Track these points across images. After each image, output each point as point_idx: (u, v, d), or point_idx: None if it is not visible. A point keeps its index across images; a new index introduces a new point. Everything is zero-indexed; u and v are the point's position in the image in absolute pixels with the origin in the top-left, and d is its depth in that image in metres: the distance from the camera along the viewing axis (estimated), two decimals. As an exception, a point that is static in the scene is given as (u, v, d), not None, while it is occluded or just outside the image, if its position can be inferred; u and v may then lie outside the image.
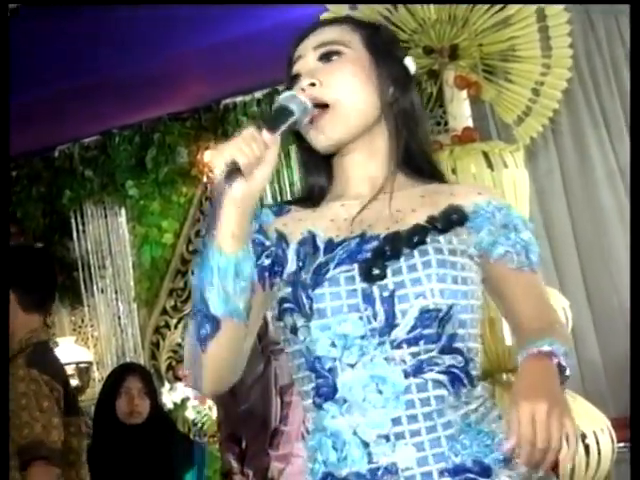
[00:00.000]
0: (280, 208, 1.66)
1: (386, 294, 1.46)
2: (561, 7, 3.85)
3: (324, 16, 3.61)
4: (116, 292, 6.89)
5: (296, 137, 1.66)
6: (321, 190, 1.67)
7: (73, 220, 6.95)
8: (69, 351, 6.42)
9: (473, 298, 1.54)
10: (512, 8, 3.83)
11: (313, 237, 1.55)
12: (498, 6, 3.85)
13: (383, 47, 1.65)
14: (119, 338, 6.80)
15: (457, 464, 1.43)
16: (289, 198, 6.37)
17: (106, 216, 6.98)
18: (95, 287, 6.93)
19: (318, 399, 1.50)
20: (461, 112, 4.04)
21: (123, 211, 6.98)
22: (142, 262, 6.90)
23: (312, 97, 1.55)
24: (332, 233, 1.55)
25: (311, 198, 1.66)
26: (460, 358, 1.49)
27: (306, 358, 1.51)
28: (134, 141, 6.78)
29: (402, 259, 1.48)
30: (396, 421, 1.44)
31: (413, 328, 1.46)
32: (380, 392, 1.44)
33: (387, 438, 1.44)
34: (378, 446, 1.44)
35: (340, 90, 1.57)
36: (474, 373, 1.52)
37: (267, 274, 1.56)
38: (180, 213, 6.83)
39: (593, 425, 3.56)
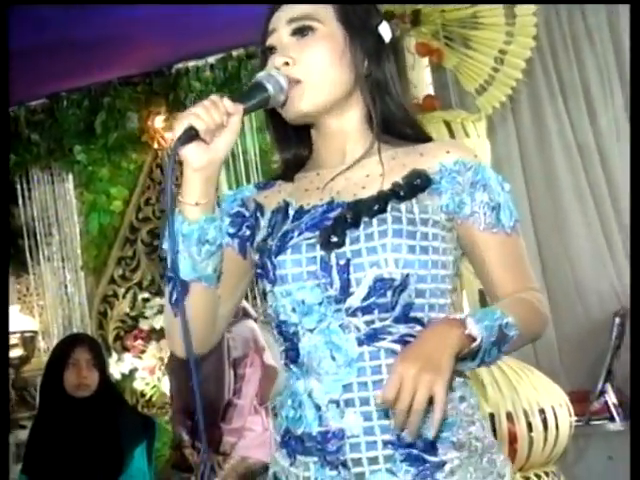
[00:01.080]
0: (266, 183, 1.70)
1: (342, 262, 1.48)
2: (526, -27, 3.77)
3: None
4: (63, 260, 6.77)
5: (269, 113, 1.65)
6: (298, 161, 1.69)
7: (18, 186, 6.80)
8: (14, 320, 6.28)
9: (435, 268, 1.51)
10: (476, -25, 3.76)
11: (286, 206, 1.58)
12: (462, -28, 3.78)
13: (357, 20, 1.62)
14: (65, 307, 6.68)
15: (402, 437, 1.44)
16: (242, 163, 6.30)
17: (53, 182, 6.84)
18: (41, 255, 6.80)
19: (286, 360, 1.56)
20: (422, 80, 3.99)
21: (70, 177, 6.84)
22: (90, 230, 6.77)
23: (287, 75, 1.55)
24: (304, 201, 1.58)
25: (288, 171, 1.68)
26: (419, 327, 1.48)
27: (275, 322, 1.57)
28: (83, 105, 6.65)
29: (361, 227, 1.49)
30: (347, 388, 1.47)
31: (367, 297, 1.47)
32: (333, 358, 1.48)
33: (337, 404, 1.48)
34: (329, 411, 1.48)
35: (312, 67, 1.56)
36: None
37: (248, 244, 1.62)
38: (130, 180, 6.70)
39: (551, 400, 3.55)
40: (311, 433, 1.49)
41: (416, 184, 1.53)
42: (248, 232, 1.61)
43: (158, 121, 6.53)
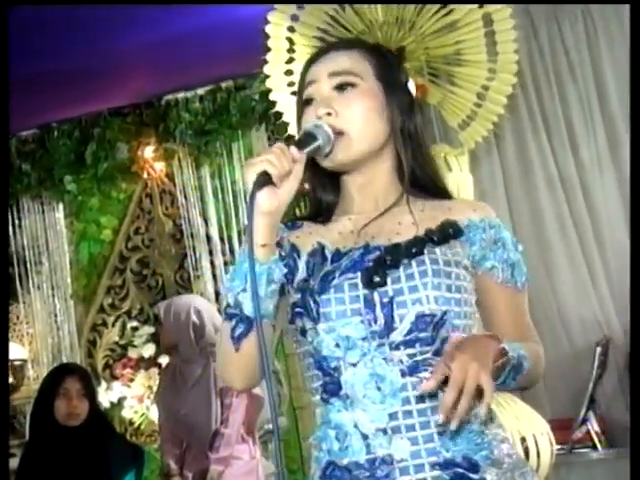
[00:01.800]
0: (293, 223, 1.82)
1: (386, 300, 1.62)
2: (508, 12, 3.86)
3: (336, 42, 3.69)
4: (52, 289, 6.80)
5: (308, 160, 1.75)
6: (329, 206, 1.82)
7: (9, 215, 6.83)
8: (3, 348, 6.33)
9: (466, 305, 1.68)
10: (459, 12, 3.85)
11: (322, 248, 1.71)
12: (445, 10, 3.87)
13: (391, 75, 1.79)
14: (55, 336, 6.71)
15: (447, 459, 1.58)
16: (230, 195, 6.38)
17: (43, 211, 6.89)
18: (31, 283, 6.83)
19: (325, 395, 1.65)
20: (407, 115, 4.04)
21: (61, 206, 6.89)
22: (80, 258, 6.83)
23: (330, 125, 1.68)
24: (339, 244, 1.71)
25: (320, 214, 1.82)
26: None
27: (314, 358, 1.67)
28: (73, 135, 6.72)
29: (401, 268, 1.63)
30: (393, 416, 1.59)
31: (410, 331, 1.61)
32: (379, 389, 1.59)
33: (384, 431, 1.59)
34: (376, 438, 1.59)
35: (354, 120, 1.71)
36: None
37: (284, 280, 1.70)
38: (119, 209, 6.78)
39: (533, 429, 3.62)
40: (359, 461, 1.59)
41: (449, 232, 1.69)
42: (284, 270, 1.68)
43: (148, 151, 6.62)
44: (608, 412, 5.48)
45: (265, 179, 1.55)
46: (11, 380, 6.45)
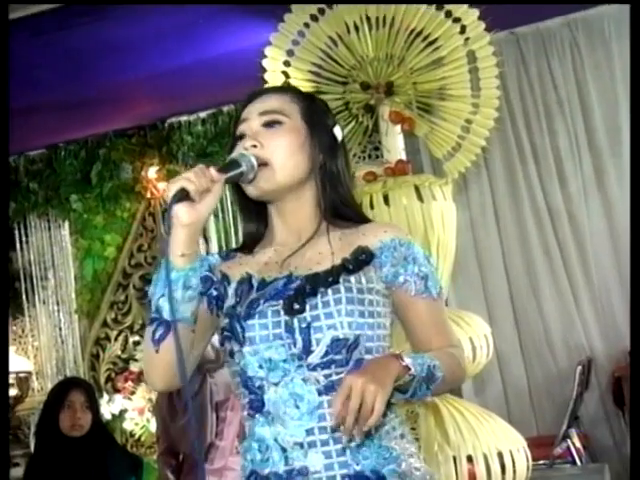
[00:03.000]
0: (227, 254, 1.96)
1: (304, 325, 1.74)
2: (491, 50, 4.03)
3: (267, 85, 3.85)
4: (57, 303, 7.00)
5: (235, 190, 1.93)
6: (256, 236, 1.96)
7: (17, 231, 7.05)
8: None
9: (379, 329, 1.80)
10: (445, 49, 4.04)
11: (250, 277, 1.83)
12: (433, 47, 4.07)
13: (317, 118, 1.93)
14: (59, 349, 6.89)
15: (357, 471, 1.72)
16: (230, 214, 6.58)
17: (50, 228, 7.10)
18: (37, 298, 7.03)
19: (251, 411, 1.79)
20: (395, 145, 4.24)
21: (67, 224, 7.10)
22: (84, 274, 7.02)
23: (255, 155, 1.82)
24: (265, 274, 1.84)
25: (249, 245, 1.94)
26: None
27: (241, 377, 1.79)
28: (80, 156, 6.93)
29: (319, 296, 1.76)
30: (309, 432, 1.73)
31: (326, 354, 1.74)
32: (297, 407, 1.73)
33: (301, 445, 1.73)
34: (294, 452, 1.73)
35: (277, 152, 1.84)
36: None
37: (214, 302, 1.84)
38: (123, 227, 6.98)
39: (510, 444, 3.74)
40: (278, 472, 1.73)
41: (362, 259, 1.82)
42: (215, 293, 1.83)
43: (151, 172, 6.82)
44: (590, 429, 5.68)
45: (182, 194, 1.67)
46: (16, 392, 6.61)
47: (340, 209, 1.92)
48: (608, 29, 5.87)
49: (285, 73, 4.26)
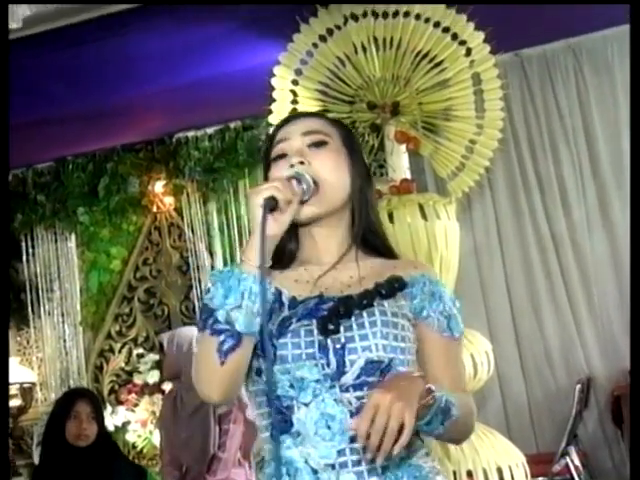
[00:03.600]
0: None
1: (338, 346, 1.73)
2: (495, 72, 4.13)
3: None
4: (62, 315, 7.04)
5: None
6: (290, 254, 1.94)
7: (23, 243, 7.10)
8: (13, 371, 6.53)
9: (409, 354, 1.80)
10: (451, 71, 4.13)
11: (279, 294, 1.81)
12: (438, 68, 4.15)
13: (355, 144, 1.97)
14: (63, 360, 6.94)
15: None
16: (235, 230, 6.64)
17: (56, 241, 7.14)
18: (42, 309, 7.07)
19: (274, 432, 1.75)
20: (400, 164, 4.33)
21: (73, 236, 7.15)
22: (89, 287, 7.08)
23: (306, 172, 1.82)
24: (295, 292, 1.81)
25: (281, 261, 1.89)
26: None
27: (267, 396, 1.76)
28: (87, 169, 6.99)
29: (353, 318, 1.75)
30: (341, 453, 1.70)
31: (359, 376, 1.72)
32: (329, 427, 1.70)
33: (333, 467, 1.70)
34: (325, 472, 1.70)
35: (325, 172, 1.84)
36: None
37: None
38: (129, 241, 7.04)
39: (509, 460, 3.81)
40: None
41: (395, 286, 1.83)
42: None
43: (158, 186, 6.89)
44: (589, 447, 5.72)
45: (273, 204, 1.66)
46: (20, 402, 6.66)
47: (369, 236, 1.93)
48: (611, 54, 5.94)
49: (293, 92, 4.34)
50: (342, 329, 1.74)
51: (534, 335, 6.00)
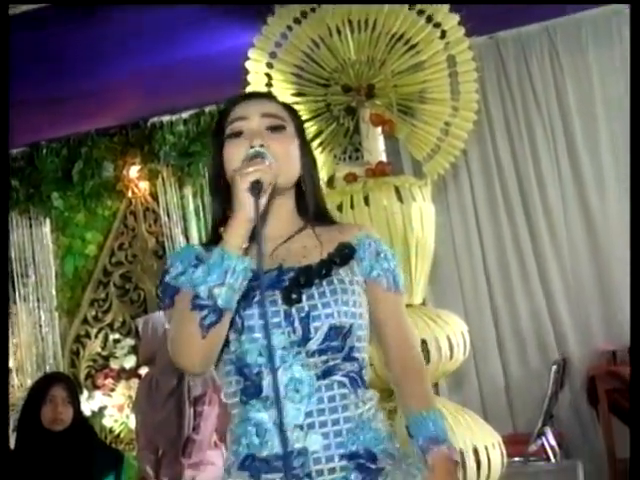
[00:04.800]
0: (207, 246, 1.98)
1: (303, 314, 1.84)
2: (470, 55, 4.10)
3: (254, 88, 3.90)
4: (38, 300, 7.02)
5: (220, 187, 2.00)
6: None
7: (-2, 225, 7.03)
8: (-11, 357, 6.52)
9: (363, 319, 1.93)
10: (425, 54, 4.11)
11: None
12: (413, 50, 4.13)
13: (303, 132, 2.06)
14: (39, 346, 6.91)
15: (353, 451, 1.83)
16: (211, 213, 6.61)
17: (31, 226, 7.12)
18: (17, 295, 7.04)
19: (244, 397, 1.87)
20: (375, 147, 4.31)
21: (48, 221, 7.12)
22: (65, 272, 7.05)
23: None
24: (255, 266, 1.87)
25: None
26: (356, 365, 1.89)
27: (235, 365, 1.87)
28: (61, 154, 6.96)
29: (314, 287, 1.87)
30: (309, 414, 1.82)
31: (323, 341, 1.84)
32: (297, 391, 1.82)
33: (301, 427, 1.82)
34: (293, 434, 1.81)
35: (283, 157, 1.92)
36: (366, 378, 1.93)
37: None
38: (104, 226, 7.01)
39: (485, 440, 3.79)
40: (277, 454, 1.80)
41: (345, 253, 1.95)
42: None
43: (133, 171, 6.87)
44: (565, 427, 5.77)
45: (260, 187, 1.75)
46: (-5, 388, 6.61)
47: (319, 211, 2.04)
48: (586, 36, 5.96)
49: (268, 75, 4.32)
50: (304, 298, 1.86)
51: (509, 316, 6.03)
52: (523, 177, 6.02)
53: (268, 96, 2.10)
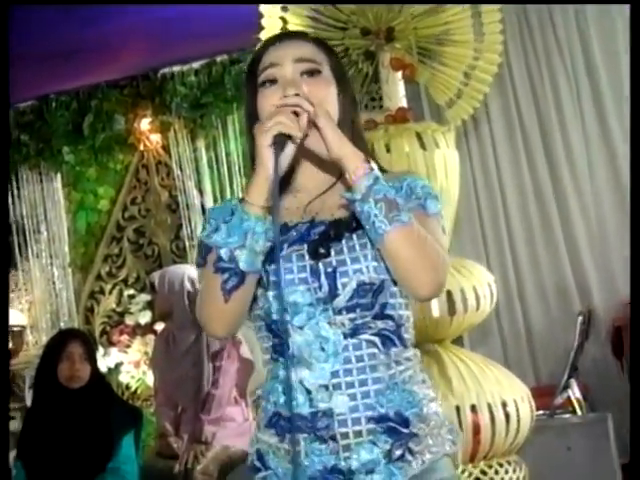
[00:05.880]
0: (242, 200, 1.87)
1: (330, 270, 1.74)
2: (494, -6, 3.98)
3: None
4: (51, 257, 6.94)
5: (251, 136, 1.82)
6: (281, 184, 1.85)
7: (8, 185, 6.93)
8: (3, 315, 6.46)
9: None
10: (447, -7, 3.97)
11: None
12: (434, -9, 3.99)
13: (344, 74, 1.91)
14: (53, 303, 6.85)
15: (382, 414, 1.72)
16: (225, 166, 6.52)
17: (42, 181, 7.02)
18: (30, 251, 6.96)
19: (274, 354, 1.79)
20: (396, 92, 4.16)
21: (59, 176, 7.02)
22: (77, 228, 6.96)
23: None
24: (286, 219, 1.81)
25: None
26: (391, 323, 1.76)
27: (265, 321, 1.79)
28: (71, 107, 6.84)
29: (343, 241, 1.75)
30: (335, 374, 1.73)
31: (351, 298, 1.73)
32: (323, 350, 1.73)
33: (326, 388, 1.73)
34: (319, 394, 1.73)
35: (321, 104, 1.76)
36: (406, 336, 1.80)
37: None
38: (116, 180, 6.91)
39: (513, 394, 3.72)
40: (302, 414, 1.72)
41: None
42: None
43: (144, 123, 6.75)
44: (591, 379, 5.68)
45: (282, 142, 1.65)
46: (10, 345, 6.57)
47: None
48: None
49: (282, 19, 4.16)
50: (333, 253, 1.75)
51: (532, 267, 5.92)
52: (545, 126, 5.86)
53: (302, 36, 1.94)
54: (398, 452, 1.73)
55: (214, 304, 1.73)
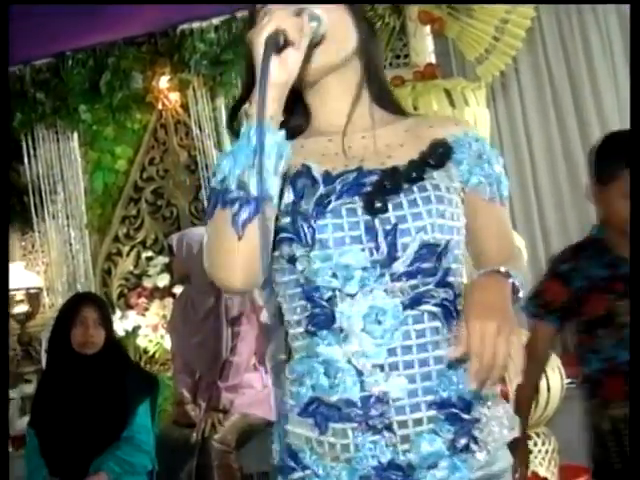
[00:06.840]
0: None
1: (388, 227, 1.49)
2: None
3: None
4: (67, 218, 6.79)
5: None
6: (299, 126, 1.68)
7: (24, 144, 6.80)
8: (19, 276, 6.38)
9: (461, 234, 1.58)
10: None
11: (308, 169, 1.54)
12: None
13: (359, 11, 1.67)
14: (70, 265, 6.72)
15: (444, 398, 1.50)
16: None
17: (58, 140, 6.84)
18: (46, 212, 6.81)
19: (312, 327, 1.52)
20: (424, 48, 4.04)
21: (75, 136, 6.85)
22: (94, 188, 6.81)
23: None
24: (327, 166, 1.56)
25: (292, 134, 1.59)
26: (451, 292, 1.53)
27: (303, 288, 1.53)
28: (88, 65, 6.65)
29: (402, 194, 1.51)
30: (392, 352, 1.48)
31: (413, 262, 1.49)
32: (379, 323, 1.47)
33: (382, 368, 1.48)
34: (372, 375, 1.48)
35: (334, 24, 1.56)
36: (460, 308, 1.55)
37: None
38: (134, 140, 6.74)
39: None
40: (350, 399, 1.48)
41: (441, 152, 1.58)
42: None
43: (162, 81, 6.56)
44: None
45: (279, 40, 1.39)
46: (27, 308, 6.49)
47: (385, 96, 1.69)
48: None
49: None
50: (390, 207, 1.50)
51: (560, 231, 5.74)
52: (577, 84, 5.64)
53: None
54: (463, 441, 1.50)
55: (226, 246, 1.44)
